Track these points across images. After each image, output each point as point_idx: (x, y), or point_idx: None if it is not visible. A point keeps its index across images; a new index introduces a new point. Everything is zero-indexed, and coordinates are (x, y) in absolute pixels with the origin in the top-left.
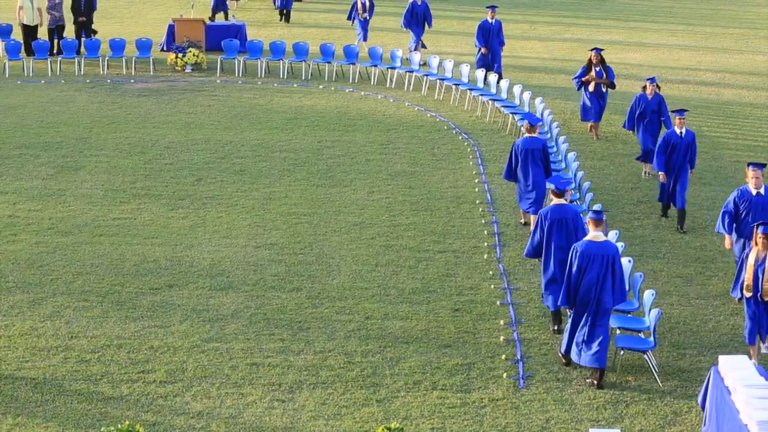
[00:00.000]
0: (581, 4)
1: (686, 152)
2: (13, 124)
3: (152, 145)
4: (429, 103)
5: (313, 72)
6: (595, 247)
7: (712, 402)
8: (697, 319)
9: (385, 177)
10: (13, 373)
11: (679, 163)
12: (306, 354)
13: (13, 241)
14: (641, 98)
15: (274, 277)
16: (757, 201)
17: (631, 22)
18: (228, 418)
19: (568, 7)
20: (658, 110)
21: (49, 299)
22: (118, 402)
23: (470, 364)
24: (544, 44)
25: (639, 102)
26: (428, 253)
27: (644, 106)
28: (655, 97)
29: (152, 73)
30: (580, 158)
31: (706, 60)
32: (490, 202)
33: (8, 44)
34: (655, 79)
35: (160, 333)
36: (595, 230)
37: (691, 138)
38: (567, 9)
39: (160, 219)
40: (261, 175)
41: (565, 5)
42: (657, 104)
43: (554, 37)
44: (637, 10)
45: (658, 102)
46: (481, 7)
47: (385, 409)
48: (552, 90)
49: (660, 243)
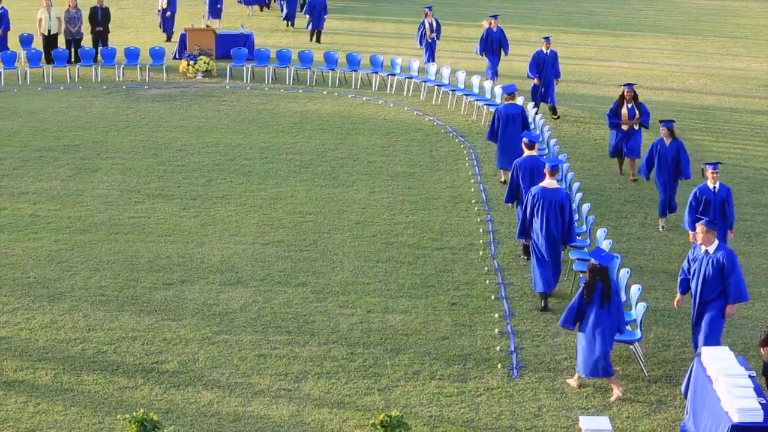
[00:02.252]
0: (570, 15)
1: (721, 210)
2: (34, 128)
3: (165, 148)
4: (427, 107)
5: (317, 78)
6: (548, 192)
7: (695, 390)
8: (681, 312)
9: (385, 178)
10: (34, 363)
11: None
12: (311, 346)
13: (34, 239)
14: (658, 144)
15: (280, 272)
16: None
17: (617, 32)
18: (237, 406)
19: (558, 18)
20: (677, 157)
21: (67, 294)
22: (133, 391)
23: (466, 355)
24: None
25: (655, 149)
26: (426, 250)
27: (661, 153)
28: (673, 144)
29: (165, 79)
30: (570, 160)
31: (689, 67)
32: (485, 202)
33: (29, 53)
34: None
35: (172, 326)
36: (550, 178)
37: (726, 193)
38: (557, 19)
39: (173, 218)
40: (268, 176)
41: (556, 15)
42: (675, 151)
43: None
44: (624, 21)
45: (677, 149)
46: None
47: (386, 398)
48: None
49: (646, 240)
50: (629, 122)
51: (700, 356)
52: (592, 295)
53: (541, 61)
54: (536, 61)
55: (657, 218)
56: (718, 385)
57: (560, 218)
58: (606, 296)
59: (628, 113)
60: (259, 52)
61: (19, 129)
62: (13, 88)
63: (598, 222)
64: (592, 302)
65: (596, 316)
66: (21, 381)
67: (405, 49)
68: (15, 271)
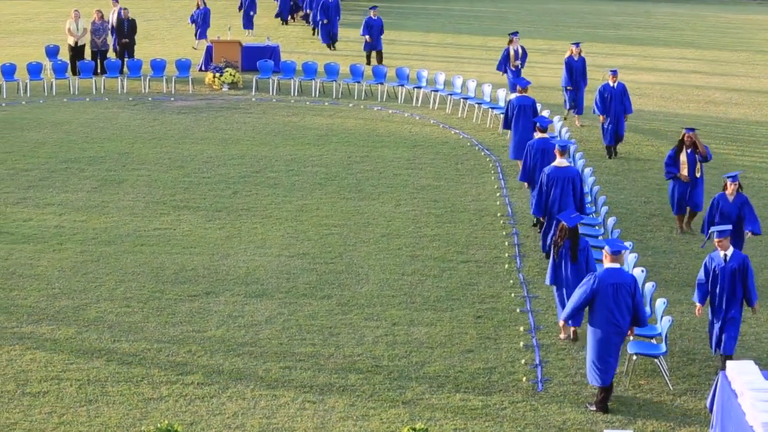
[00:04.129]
0: (597, 28)
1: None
2: (60, 140)
3: (191, 160)
4: (453, 120)
5: (343, 91)
6: (560, 170)
7: (720, 405)
8: (706, 326)
9: (411, 191)
10: (58, 375)
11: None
12: (336, 358)
13: (59, 250)
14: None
15: (305, 285)
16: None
17: (644, 46)
18: (262, 418)
19: (585, 31)
20: (739, 213)
21: (93, 305)
22: (157, 402)
23: (491, 368)
24: (562, 65)
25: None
26: (452, 263)
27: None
28: (737, 198)
29: (191, 91)
30: (595, 173)
31: (715, 81)
32: (511, 215)
33: (55, 64)
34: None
35: (197, 337)
36: (561, 158)
37: (743, 201)
38: (584, 32)
39: (198, 230)
40: (294, 188)
41: (583, 29)
42: (738, 207)
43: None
44: (650, 35)
45: (740, 205)
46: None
47: (411, 411)
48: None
49: (671, 254)
50: (687, 178)
51: (725, 370)
52: (559, 252)
53: (571, 67)
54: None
55: (686, 235)
56: (744, 399)
57: (572, 193)
58: (574, 253)
59: (688, 161)
60: (285, 65)
61: (44, 140)
62: (39, 99)
63: (623, 236)
64: (560, 258)
65: (568, 271)
66: (46, 392)
67: (430, 62)
68: (40, 282)
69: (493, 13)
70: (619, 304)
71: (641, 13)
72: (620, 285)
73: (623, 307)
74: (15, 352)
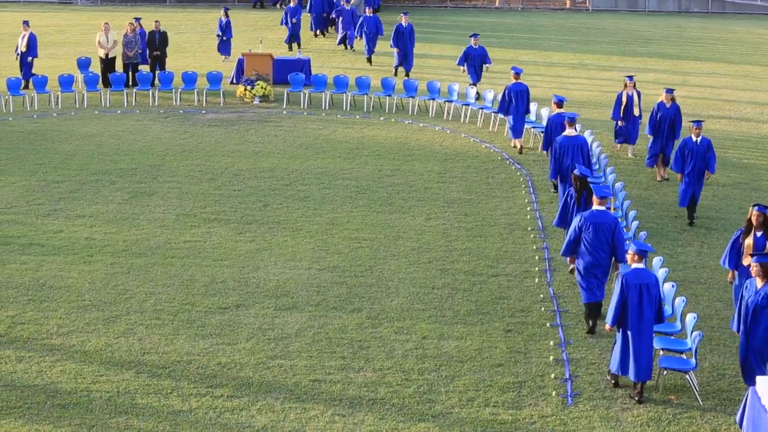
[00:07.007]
0: (627, 42)
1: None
2: (91, 152)
3: (221, 173)
4: (484, 134)
5: (374, 104)
6: (570, 139)
7: (750, 420)
8: (736, 341)
9: (441, 204)
10: (88, 386)
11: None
12: (365, 371)
13: (90, 262)
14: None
15: (336, 298)
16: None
17: (674, 60)
18: (291, 431)
19: (616, 45)
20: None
21: (123, 317)
22: (187, 415)
23: (521, 383)
24: (592, 80)
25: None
26: (482, 277)
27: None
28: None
29: (222, 104)
30: (626, 188)
31: (746, 96)
32: (541, 229)
33: (87, 76)
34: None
35: (227, 350)
36: (570, 129)
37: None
38: (614, 47)
39: (229, 242)
40: (324, 201)
41: (613, 43)
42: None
43: (602, 73)
44: (681, 49)
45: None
46: (536, 45)
47: (440, 425)
48: (600, 123)
49: (702, 269)
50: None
51: (755, 386)
52: (580, 200)
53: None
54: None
55: (714, 246)
56: None
57: (581, 158)
58: (586, 199)
59: (755, 245)
60: (317, 78)
61: (76, 152)
62: (71, 111)
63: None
64: (572, 203)
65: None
66: (75, 404)
67: (462, 76)
68: (70, 293)
69: (522, 26)
70: (601, 241)
71: (672, 27)
72: (601, 224)
73: (605, 244)
74: (45, 363)
